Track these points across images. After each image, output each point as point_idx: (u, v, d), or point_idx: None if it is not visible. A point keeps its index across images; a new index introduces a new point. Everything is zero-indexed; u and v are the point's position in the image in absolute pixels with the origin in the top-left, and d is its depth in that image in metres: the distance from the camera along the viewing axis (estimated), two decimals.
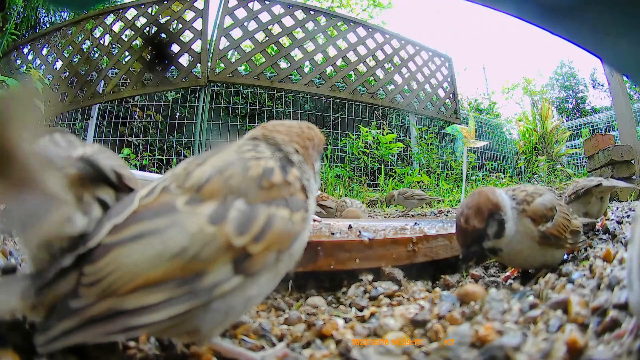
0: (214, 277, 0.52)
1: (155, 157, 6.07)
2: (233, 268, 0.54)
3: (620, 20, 0.49)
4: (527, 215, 1.03)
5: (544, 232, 1.03)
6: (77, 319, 0.48)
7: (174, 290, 0.50)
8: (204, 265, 0.52)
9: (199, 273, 0.52)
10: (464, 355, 0.59)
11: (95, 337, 0.49)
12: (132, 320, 0.49)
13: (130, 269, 0.50)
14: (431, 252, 1.21)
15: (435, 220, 2.16)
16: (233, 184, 0.58)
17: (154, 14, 5.55)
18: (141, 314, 0.49)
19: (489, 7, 0.60)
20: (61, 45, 5.59)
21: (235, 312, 0.58)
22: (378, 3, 13.01)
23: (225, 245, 0.53)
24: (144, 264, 0.50)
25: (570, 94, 17.02)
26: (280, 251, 0.59)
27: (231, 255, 0.54)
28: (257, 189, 0.59)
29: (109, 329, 0.48)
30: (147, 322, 0.49)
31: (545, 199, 1.06)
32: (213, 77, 5.42)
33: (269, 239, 0.57)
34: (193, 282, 0.51)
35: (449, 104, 7.05)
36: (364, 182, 5.98)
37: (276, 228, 0.58)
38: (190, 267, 0.51)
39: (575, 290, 0.80)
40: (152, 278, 0.50)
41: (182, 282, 0.51)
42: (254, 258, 0.55)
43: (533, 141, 8.32)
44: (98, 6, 5.26)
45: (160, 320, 0.50)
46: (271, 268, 0.59)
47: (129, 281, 0.49)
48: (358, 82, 6.19)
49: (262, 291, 0.60)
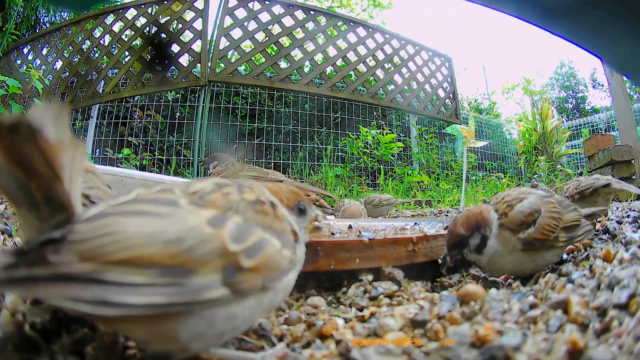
0: (202, 280, 0.51)
1: (155, 157, 6.07)
2: (222, 278, 0.53)
3: (620, 20, 0.49)
4: (506, 227, 1.03)
5: (526, 239, 1.01)
6: (49, 270, 0.45)
7: (159, 278, 0.48)
8: (195, 263, 0.51)
9: (188, 270, 0.50)
10: (464, 355, 0.59)
11: (59, 297, 0.45)
12: (108, 294, 0.46)
13: (123, 237, 0.49)
14: (431, 252, 1.21)
15: (435, 220, 2.16)
16: (232, 200, 0.60)
17: (154, 14, 5.55)
18: (119, 291, 0.46)
19: (489, 7, 0.60)
20: (61, 45, 5.59)
21: (216, 329, 0.55)
22: (378, 3, 13.01)
23: (220, 248, 0.53)
24: (139, 237, 0.49)
25: (570, 94, 17.02)
26: (268, 279, 0.58)
27: (223, 263, 0.53)
28: (253, 212, 0.61)
29: (79, 294, 0.45)
30: (123, 302, 0.46)
31: (523, 205, 1.05)
32: (213, 77, 5.42)
33: (260, 259, 0.57)
34: (180, 276, 0.50)
35: (449, 104, 7.05)
36: (364, 182, 5.98)
37: (268, 252, 0.59)
38: (181, 259, 0.50)
39: (575, 290, 0.80)
40: (142, 256, 0.48)
41: (169, 271, 0.49)
42: (243, 274, 0.55)
43: (533, 141, 8.32)
44: (98, 6, 5.27)
45: (137, 304, 0.46)
46: (257, 295, 0.58)
47: (118, 250, 0.48)
48: (358, 82, 6.19)
49: (245, 315, 0.58)
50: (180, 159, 6.01)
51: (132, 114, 6.38)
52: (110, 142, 5.88)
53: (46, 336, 0.62)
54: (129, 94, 5.43)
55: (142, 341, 0.57)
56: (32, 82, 3.89)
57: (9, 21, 5.25)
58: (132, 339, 0.63)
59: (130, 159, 5.39)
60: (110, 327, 0.60)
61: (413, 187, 5.77)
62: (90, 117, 5.75)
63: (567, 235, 1.08)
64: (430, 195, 5.42)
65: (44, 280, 0.45)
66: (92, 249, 0.47)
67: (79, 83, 5.42)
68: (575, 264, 1.08)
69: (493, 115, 11.62)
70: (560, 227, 1.06)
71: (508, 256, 1.02)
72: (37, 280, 0.44)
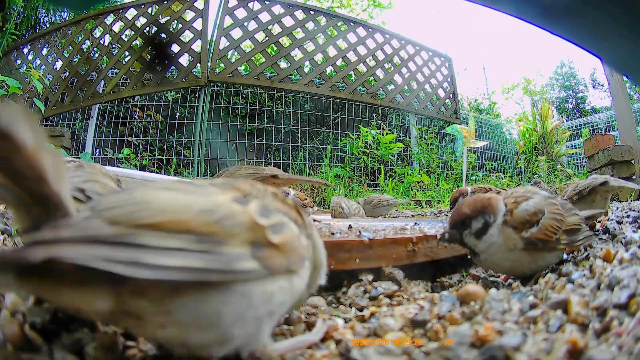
0: (233, 250, 0.52)
1: (155, 157, 6.07)
2: (251, 252, 0.53)
3: (620, 20, 0.49)
4: (509, 224, 1.02)
5: (528, 238, 1.01)
6: (78, 233, 0.45)
7: (194, 244, 0.49)
8: (226, 234, 0.52)
9: (220, 241, 0.51)
10: (464, 355, 0.59)
11: (90, 257, 0.43)
12: (142, 255, 0.45)
13: (156, 204, 0.50)
14: (431, 252, 1.21)
15: (435, 220, 2.16)
16: (254, 189, 0.63)
17: (154, 14, 5.55)
18: (153, 253, 0.46)
19: (489, 7, 0.60)
20: (61, 45, 5.59)
21: (254, 310, 0.54)
22: (378, 3, 13.01)
23: (249, 221, 0.55)
24: (173, 205, 0.51)
25: (570, 94, 17.01)
26: (292, 261, 0.59)
27: (252, 236, 0.54)
28: (273, 199, 0.64)
29: (111, 254, 0.44)
30: (158, 263, 0.45)
31: (529, 204, 1.04)
32: (213, 77, 5.42)
33: (284, 238, 0.58)
34: (213, 245, 0.50)
35: (449, 104, 7.05)
36: (364, 182, 5.98)
37: (289, 233, 0.60)
38: (214, 229, 0.51)
39: (575, 290, 0.80)
40: (177, 221, 0.49)
41: (203, 239, 0.49)
42: (271, 250, 0.55)
43: (533, 141, 8.32)
44: (98, 6, 5.27)
45: (172, 265, 0.46)
46: (285, 276, 0.58)
47: (150, 215, 0.48)
48: (358, 82, 6.19)
49: (279, 298, 0.57)
50: (180, 159, 6.01)
51: (132, 114, 6.38)
52: (110, 142, 5.88)
53: (46, 336, 0.62)
54: (129, 94, 5.43)
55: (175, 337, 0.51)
56: (32, 82, 3.89)
57: (9, 21, 5.25)
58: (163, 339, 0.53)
59: (130, 159, 5.39)
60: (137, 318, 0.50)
61: (413, 187, 5.77)
62: (90, 117, 5.75)
63: (568, 238, 1.07)
64: (430, 195, 5.42)
65: (72, 242, 0.44)
66: (121, 214, 0.48)
67: (79, 83, 5.42)
68: (575, 264, 1.08)
69: (493, 115, 11.62)
70: (562, 230, 1.05)
71: (508, 254, 1.02)
72: (65, 242, 0.44)
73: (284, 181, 2.38)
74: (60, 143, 4.74)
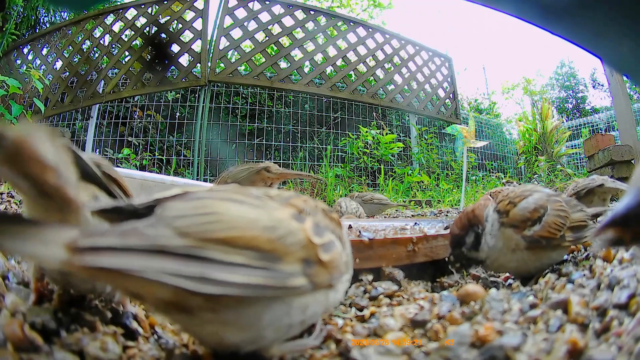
0: (288, 267, 0.53)
1: (155, 157, 6.07)
2: (302, 268, 0.55)
3: (620, 20, 0.49)
4: (508, 225, 1.02)
5: (531, 236, 0.99)
6: (146, 242, 0.44)
7: (256, 260, 0.50)
8: (284, 251, 0.53)
9: (277, 257, 0.52)
10: (464, 355, 0.59)
11: (158, 270, 0.42)
12: (210, 270, 0.45)
13: (227, 218, 0.50)
14: (431, 252, 1.21)
15: (435, 220, 2.16)
16: (307, 205, 0.64)
17: (154, 14, 5.55)
18: (221, 269, 0.46)
19: (489, 7, 0.60)
20: (61, 45, 5.59)
21: (290, 318, 0.56)
22: (378, 3, 13.01)
23: (305, 240, 0.56)
24: (241, 220, 0.51)
25: (570, 94, 17.01)
26: (334, 277, 0.61)
27: (305, 254, 0.56)
28: (323, 216, 0.66)
29: (179, 268, 0.44)
30: (225, 280, 0.46)
31: (529, 202, 1.03)
32: (213, 77, 5.42)
33: (332, 256, 0.60)
34: (271, 261, 0.51)
35: (449, 104, 7.05)
36: (364, 182, 5.98)
37: (336, 252, 0.62)
38: (275, 245, 0.52)
39: (575, 290, 0.80)
40: (244, 237, 0.50)
41: (264, 255, 0.51)
42: (318, 267, 0.57)
43: (533, 141, 8.32)
44: (98, 6, 5.27)
45: (237, 282, 0.46)
46: (325, 290, 0.60)
47: (221, 229, 0.49)
48: (358, 82, 6.18)
49: (314, 309, 0.59)
50: (180, 159, 6.01)
51: (132, 114, 6.38)
52: (110, 142, 5.88)
53: (46, 336, 0.62)
54: (129, 94, 5.43)
55: (213, 334, 0.54)
56: (32, 82, 3.89)
57: (9, 21, 5.24)
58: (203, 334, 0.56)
59: (130, 159, 5.39)
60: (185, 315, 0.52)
61: (413, 187, 5.77)
62: (90, 117, 5.75)
63: (574, 235, 1.05)
64: (430, 195, 5.42)
65: (139, 251, 0.43)
66: (191, 225, 0.48)
67: (79, 83, 5.42)
68: (575, 264, 1.08)
69: (493, 115, 11.62)
70: (567, 227, 1.04)
71: (511, 255, 1.02)
72: (131, 250, 0.43)
73: (277, 175, 2.40)
74: None
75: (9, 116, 3.16)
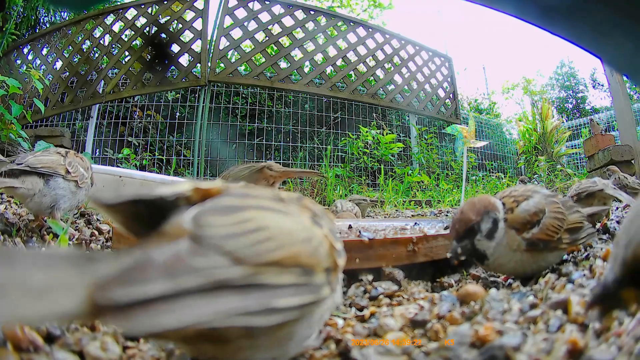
0: (318, 279, 0.49)
1: (155, 157, 6.07)
2: (325, 277, 0.51)
3: (620, 20, 0.49)
4: (511, 225, 1.01)
5: (530, 239, 0.99)
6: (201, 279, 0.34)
7: (300, 277, 0.45)
8: (316, 263, 0.49)
9: (312, 270, 0.48)
10: (464, 355, 0.59)
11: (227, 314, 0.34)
12: (270, 299, 0.39)
13: (274, 234, 0.44)
14: (431, 252, 1.21)
15: (435, 220, 2.16)
16: (316, 207, 0.60)
17: (154, 14, 5.55)
18: (276, 294, 0.40)
19: (489, 7, 0.60)
20: (61, 45, 5.59)
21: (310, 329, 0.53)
22: (378, 4, 13.02)
23: (330, 247, 0.53)
24: (285, 236, 0.45)
25: (570, 94, 17.01)
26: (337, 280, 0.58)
27: (328, 262, 0.53)
28: (327, 219, 0.62)
29: (246, 304, 0.36)
30: (284, 306, 0.40)
31: (529, 204, 1.02)
32: (213, 77, 5.42)
33: (344, 259, 0.58)
34: (309, 275, 0.47)
35: (449, 104, 7.05)
36: (364, 182, 5.98)
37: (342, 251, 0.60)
38: (312, 259, 0.48)
39: (575, 290, 0.80)
40: (292, 255, 0.45)
41: (304, 271, 0.47)
42: (336, 272, 0.55)
43: (533, 141, 8.32)
44: (98, 6, 5.26)
45: (294, 306, 0.42)
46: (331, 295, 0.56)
47: (273, 249, 0.42)
48: (358, 82, 6.19)
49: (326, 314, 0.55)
50: (180, 159, 6.01)
51: (132, 114, 6.38)
52: (110, 142, 5.88)
53: (46, 336, 0.62)
54: (129, 94, 5.43)
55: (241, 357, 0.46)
56: (32, 82, 3.88)
57: (9, 21, 5.24)
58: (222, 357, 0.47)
59: (130, 159, 5.38)
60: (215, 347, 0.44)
61: (413, 187, 5.77)
62: (90, 117, 5.75)
63: (571, 237, 1.05)
64: (430, 195, 5.42)
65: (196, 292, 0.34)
66: (243, 247, 0.40)
67: (79, 83, 5.42)
68: (575, 264, 1.08)
69: (493, 115, 11.62)
70: (564, 229, 1.03)
71: (511, 255, 1.01)
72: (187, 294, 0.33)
73: (279, 173, 2.38)
74: (60, 143, 4.74)
75: (9, 116, 3.15)
